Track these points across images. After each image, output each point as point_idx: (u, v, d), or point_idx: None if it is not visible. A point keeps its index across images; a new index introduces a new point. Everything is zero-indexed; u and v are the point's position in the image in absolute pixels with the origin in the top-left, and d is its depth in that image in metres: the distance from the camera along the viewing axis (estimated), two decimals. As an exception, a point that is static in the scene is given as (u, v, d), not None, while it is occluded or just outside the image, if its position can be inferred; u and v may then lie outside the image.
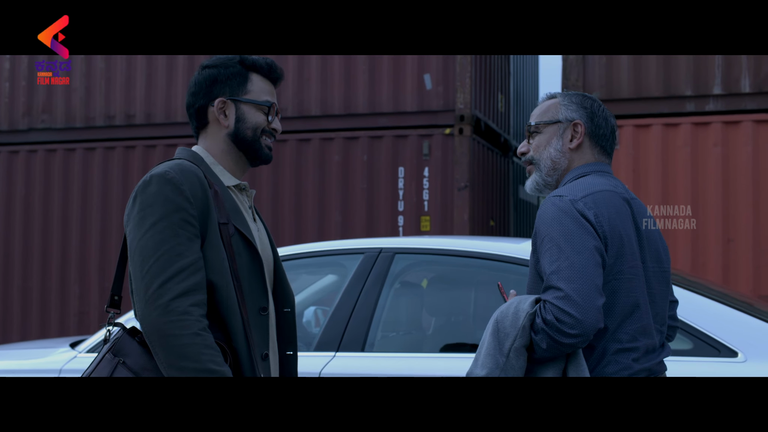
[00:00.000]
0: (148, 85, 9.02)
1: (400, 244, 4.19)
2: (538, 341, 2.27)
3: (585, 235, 2.31)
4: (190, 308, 2.18)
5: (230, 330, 2.27)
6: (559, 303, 2.23)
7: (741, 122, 7.20)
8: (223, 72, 2.45)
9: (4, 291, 9.18)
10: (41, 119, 9.37)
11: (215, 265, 2.27)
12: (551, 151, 2.54)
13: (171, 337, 2.16)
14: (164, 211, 2.24)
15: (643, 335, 2.39)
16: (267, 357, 2.37)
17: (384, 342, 3.95)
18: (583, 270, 2.26)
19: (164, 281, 2.19)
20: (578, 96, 2.59)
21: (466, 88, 8.17)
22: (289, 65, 8.53)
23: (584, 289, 2.24)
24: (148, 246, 2.23)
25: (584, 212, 2.34)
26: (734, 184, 7.16)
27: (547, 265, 2.31)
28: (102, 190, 9.02)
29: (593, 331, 2.24)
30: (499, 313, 2.37)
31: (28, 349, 4.90)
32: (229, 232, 2.32)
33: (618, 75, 7.57)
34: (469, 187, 8.12)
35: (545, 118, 2.57)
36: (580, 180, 2.47)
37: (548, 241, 2.34)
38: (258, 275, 2.38)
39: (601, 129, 2.55)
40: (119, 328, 2.34)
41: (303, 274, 4.53)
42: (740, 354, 3.37)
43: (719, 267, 7.07)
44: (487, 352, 2.33)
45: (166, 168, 2.31)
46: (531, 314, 2.29)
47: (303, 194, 8.45)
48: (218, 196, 2.34)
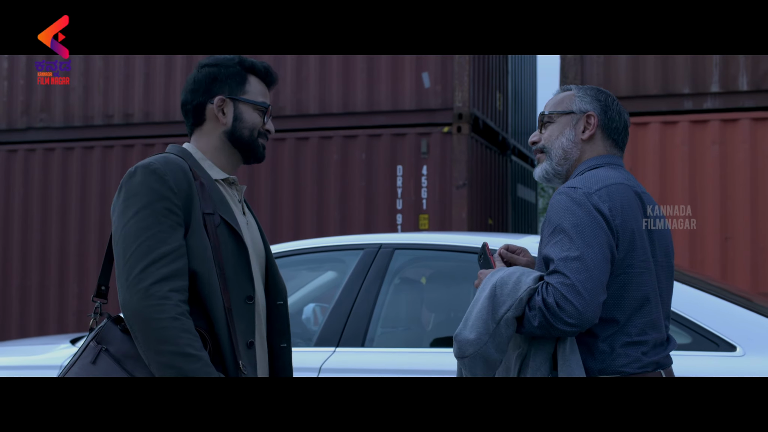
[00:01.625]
0: (147, 84, 9.03)
1: (400, 240, 4.20)
2: (530, 317, 2.28)
3: (597, 228, 2.31)
4: (170, 293, 2.21)
5: (212, 317, 2.30)
6: (563, 290, 2.23)
7: (739, 120, 7.22)
8: (223, 71, 2.49)
9: (3, 289, 9.19)
10: (40, 118, 9.37)
11: (198, 253, 2.31)
12: (563, 141, 2.53)
13: (150, 320, 2.18)
14: (148, 199, 2.28)
15: (652, 329, 2.39)
16: (252, 345, 2.40)
17: (384, 337, 3.97)
18: (591, 264, 2.26)
19: (145, 266, 2.22)
20: (593, 89, 2.59)
21: (464, 86, 8.18)
22: (288, 64, 8.54)
23: (590, 283, 2.24)
24: (131, 233, 2.27)
25: (598, 205, 2.34)
26: (732, 182, 7.17)
27: (556, 252, 2.30)
28: (100, 189, 9.02)
29: (589, 325, 2.26)
30: (498, 279, 2.36)
31: (29, 346, 4.91)
32: (215, 222, 2.36)
33: (616, 73, 7.59)
34: (468, 185, 8.13)
35: (559, 108, 2.57)
36: (593, 172, 2.46)
37: (559, 231, 2.33)
38: (244, 264, 2.41)
39: (614, 122, 2.55)
40: (105, 318, 2.37)
41: (303, 270, 4.55)
42: (739, 348, 3.39)
43: (717, 264, 7.09)
44: (479, 315, 2.33)
45: (151, 159, 2.36)
46: (532, 289, 2.29)
47: (302, 193, 8.46)
48: (204, 187, 2.38)
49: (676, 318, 3.54)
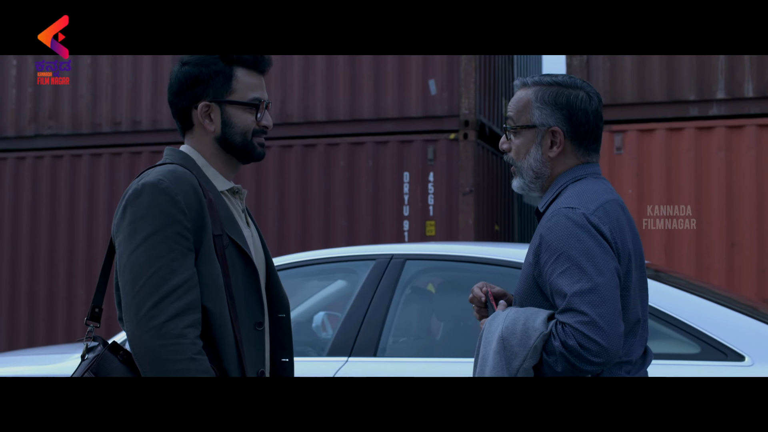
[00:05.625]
0: (154, 91, 9.06)
1: (411, 251, 4.24)
2: (551, 363, 2.15)
3: (605, 254, 2.17)
4: (185, 330, 2.09)
5: (220, 350, 2.18)
6: (583, 329, 2.10)
7: (744, 126, 7.24)
8: (204, 71, 2.30)
9: (12, 296, 9.22)
10: (48, 125, 9.42)
11: (209, 283, 2.17)
12: (531, 162, 2.37)
13: (165, 362, 2.07)
14: (158, 223, 2.13)
15: (639, 346, 2.31)
16: (263, 374, 2.30)
17: (396, 347, 4.00)
18: (607, 294, 2.13)
19: (157, 301, 2.09)
20: (552, 91, 2.36)
21: (470, 93, 8.21)
22: (295, 71, 8.58)
23: (609, 315, 2.11)
24: (140, 262, 2.12)
25: (600, 227, 2.20)
26: (738, 189, 7.19)
27: (567, 285, 2.15)
28: (108, 196, 9.06)
29: (616, 358, 2.13)
30: (503, 330, 2.22)
31: (42, 355, 4.94)
32: (224, 244, 2.22)
33: (622, 80, 7.61)
34: (474, 191, 8.16)
35: (522, 121, 2.38)
36: (581, 187, 2.32)
37: (565, 259, 2.18)
38: (253, 288, 2.29)
39: (582, 126, 2.34)
40: (99, 343, 2.25)
41: (314, 280, 4.59)
42: (747, 358, 3.41)
43: (723, 271, 7.10)
44: (493, 373, 2.20)
45: (159, 176, 2.19)
46: (545, 335, 2.15)
47: (308, 199, 8.49)
48: (213, 205, 2.23)
49: (684, 328, 3.57)
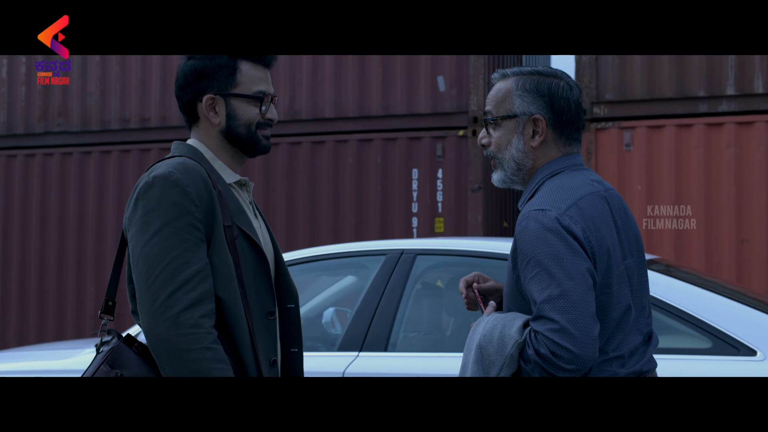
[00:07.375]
0: (164, 88, 9.07)
1: (422, 246, 4.24)
2: (528, 370, 2.11)
3: (575, 257, 2.11)
4: (201, 320, 2.12)
5: (236, 339, 2.21)
6: (554, 336, 2.05)
7: (754, 123, 7.22)
8: (209, 64, 2.33)
9: (21, 293, 9.25)
10: (57, 123, 9.44)
11: (221, 273, 2.20)
12: (513, 152, 2.31)
13: (181, 351, 2.09)
14: (170, 215, 2.16)
15: (629, 338, 2.24)
16: (275, 363, 2.31)
17: (406, 342, 4.00)
18: (577, 299, 2.07)
19: (172, 292, 2.12)
20: (533, 80, 2.31)
21: (479, 90, 8.21)
22: (304, 68, 8.58)
23: (580, 321, 2.06)
24: (153, 253, 2.15)
25: (571, 228, 2.14)
26: (748, 185, 7.17)
27: (536, 292, 2.11)
28: (117, 193, 9.08)
29: (591, 363, 2.09)
30: (481, 338, 2.18)
31: (54, 350, 4.96)
32: (234, 235, 2.25)
33: (631, 76, 7.60)
34: (483, 188, 8.16)
35: (502, 112, 2.33)
36: (557, 182, 2.26)
37: (534, 264, 2.13)
38: (264, 278, 2.32)
39: (564, 114, 2.30)
40: (113, 336, 2.27)
41: (324, 276, 4.59)
42: (759, 352, 3.41)
43: (733, 267, 7.09)
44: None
45: (170, 168, 2.22)
46: (520, 343, 2.11)
47: (317, 196, 8.49)
48: (222, 196, 2.26)
49: (696, 323, 3.56)
